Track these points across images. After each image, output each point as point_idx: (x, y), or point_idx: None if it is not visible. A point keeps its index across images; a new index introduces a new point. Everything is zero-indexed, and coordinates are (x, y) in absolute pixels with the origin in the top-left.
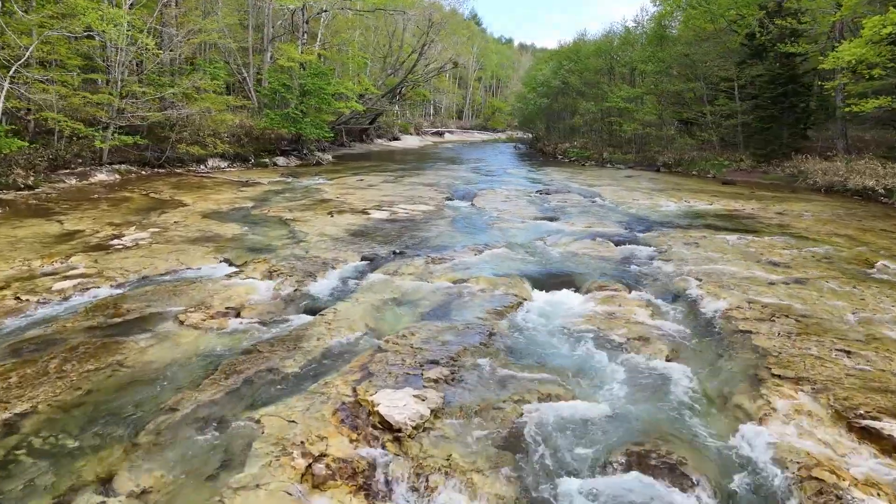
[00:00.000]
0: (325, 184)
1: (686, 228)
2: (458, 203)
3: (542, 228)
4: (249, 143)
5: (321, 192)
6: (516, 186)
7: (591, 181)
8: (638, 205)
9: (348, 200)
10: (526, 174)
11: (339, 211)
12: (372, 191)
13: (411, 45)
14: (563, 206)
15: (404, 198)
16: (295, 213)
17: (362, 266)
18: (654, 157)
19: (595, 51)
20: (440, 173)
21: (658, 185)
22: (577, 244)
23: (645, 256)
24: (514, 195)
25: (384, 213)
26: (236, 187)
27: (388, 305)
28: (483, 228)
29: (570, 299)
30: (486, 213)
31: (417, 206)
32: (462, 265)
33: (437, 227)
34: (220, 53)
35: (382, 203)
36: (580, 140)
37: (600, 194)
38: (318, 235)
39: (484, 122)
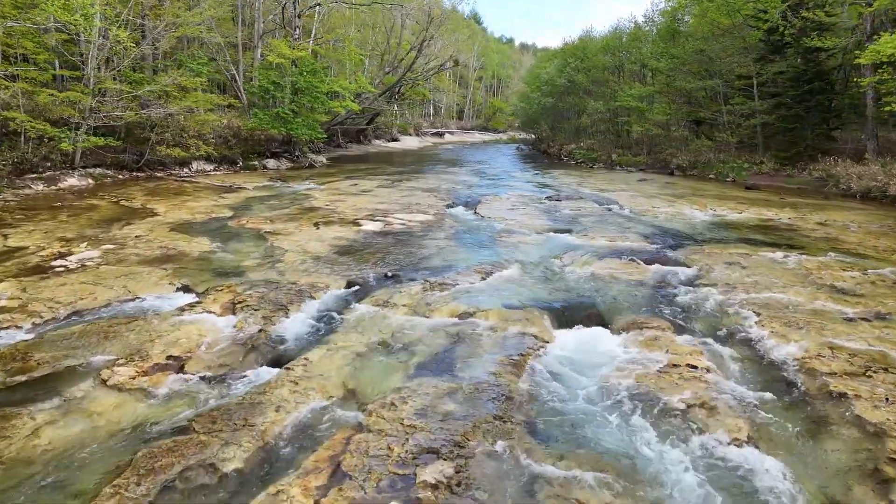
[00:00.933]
0: (315, 189)
1: (722, 243)
2: (460, 211)
3: (558, 243)
4: (237, 145)
5: (309, 199)
6: (523, 192)
7: (604, 186)
8: (660, 214)
9: (339, 209)
10: (531, 177)
11: (326, 222)
12: (366, 197)
13: (410, 43)
14: (577, 215)
15: (401, 205)
16: (276, 224)
17: (347, 294)
18: (666, 159)
19: (603, 47)
20: (440, 177)
21: (677, 191)
22: (601, 264)
23: (683, 280)
24: (522, 202)
25: (377, 224)
26: (217, 193)
27: (374, 353)
28: (489, 243)
29: (603, 341)
30: (491, 224)
31: (415, 216)
32: (466, 292)
33: (436, 241)
34: (208, 50)
35: (376, 212)
36: (587, 141)
37: (616, 201)
38: (299, 253)
39: (485, 123)
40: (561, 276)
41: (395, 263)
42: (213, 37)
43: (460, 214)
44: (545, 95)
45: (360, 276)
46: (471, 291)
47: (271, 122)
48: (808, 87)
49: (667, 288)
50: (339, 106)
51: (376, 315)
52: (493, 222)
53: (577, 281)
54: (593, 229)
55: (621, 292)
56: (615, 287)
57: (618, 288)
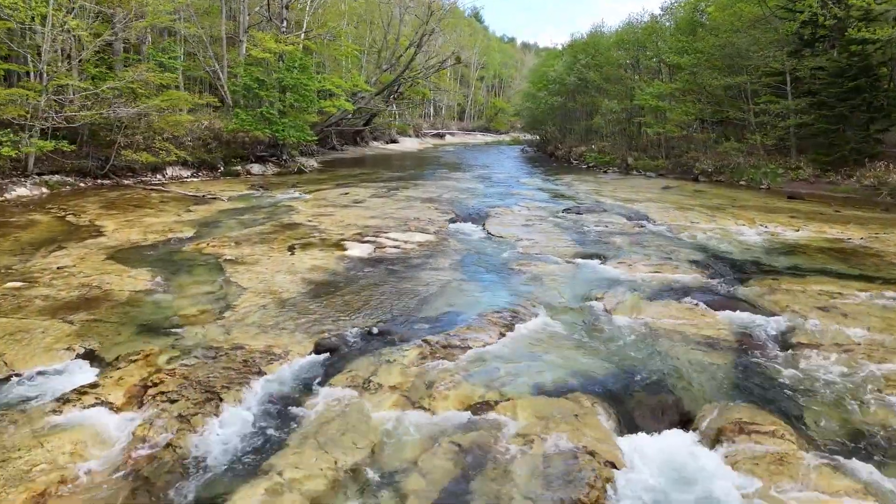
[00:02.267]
0: (299, 199)
1: (798, 275)
2: (466, 228)
3: (590, 275)
4: (218, 149)
5: (291, 213)
6: (536, 202)
7: (626, 194)
8: (703, 232)
9: (322, 225)
10: (542, 184)
11: (304, 244)
12: (356, 210)
13: (409, 39)
14: (605, 233)
15: (396, 220)
16: (242, 248)
17: (314, 366)
18: (688, 163)
19: (616, 42)
20: (441, 183)
21: (711, 201)
22: (655, 308)
23: (773, 337)
24: (537, 215)
25: (367, 246)
26: (186, 205)
27: (342, 494)
28: (505, 275)
29: (696, 460)
30: (504, 246)
31: (412, 236)
32: (481, 360)
33: (438, 272)
34: (189, 45)
35: (367, 229)
36: (598, 143)
37: (647, 215)
38: (260, 294)
39: (486, 124)
40: (606, 329)
41: (385, 310)
42: (187, 29)
43: (466, 232)
44: (553, 94)
45: (335, 332)
46: (487, 359)
47: (254, 123)
48: (853, 83)
49: (756, 352)
50: (332, 105)
51: (351, 408)
52: (506, 243)
53: (629, 339)
54: (630, 254)
55: (695, 360)
56: (684, 350)
57: (688, 351)
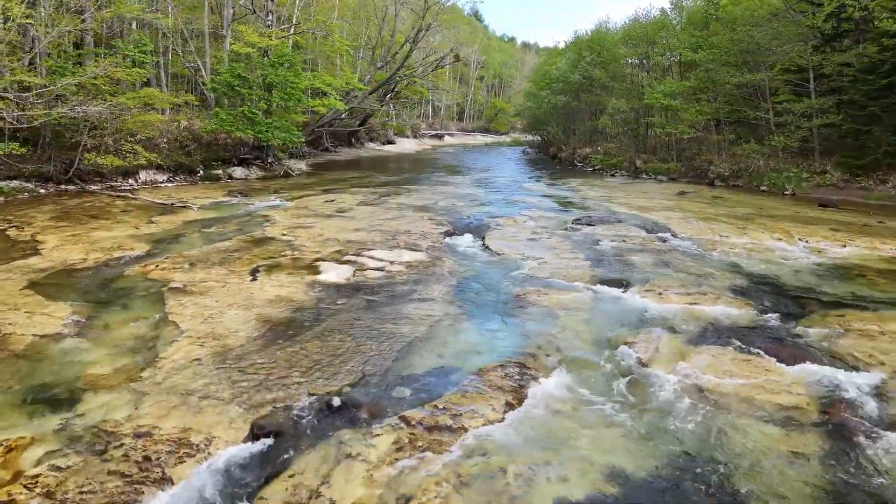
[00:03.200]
0: (279, 208)
1: (867, 308)
2: (463, 243)
3: (613, 307)
4: (198, 151)
5: (265, 225)
6: (541, 210)
7: (639, 201)
8: (735, 248)
9: (298, 241)
10: (546, 188)
11: (271, 266)
12: (340, 221)
13: (405, 35)
14: (623, 249)
15: (383, 234)
16: (196, 272)
17: (245, 463)
18: (701, 166)
19: (624, 38)
20: (438, 189)
21: (735, 209)
22: (702, 359)
23: (872, 409)
24: (543, 227)
25: (345, 269)
26: (150, 215)
27: None
28: (509, 309)
29: None
30: (508, 267)
31: (400, 254)
32: (480, 455)
33: (427, 306)
34: (168, 39)
35: (348, 246)
36: (604, 144)
37: (667, 226)
38: (200, 339)
39: (486, 124)
40: (644, 394)
41: (355, 365)
42: (162, 21)
43: (463, 249)
44: (556, 93)
45: (283, 404)
46: (489, 450)
47: (235, 123)
48: (885, 80)
49: (853, 433)
50: (322, 105)
51: None
52: (509, 263)
53: (677, 411)
54: (657, 277)
55: (774, 450)
56: (756, 431)
57: (761, 433)
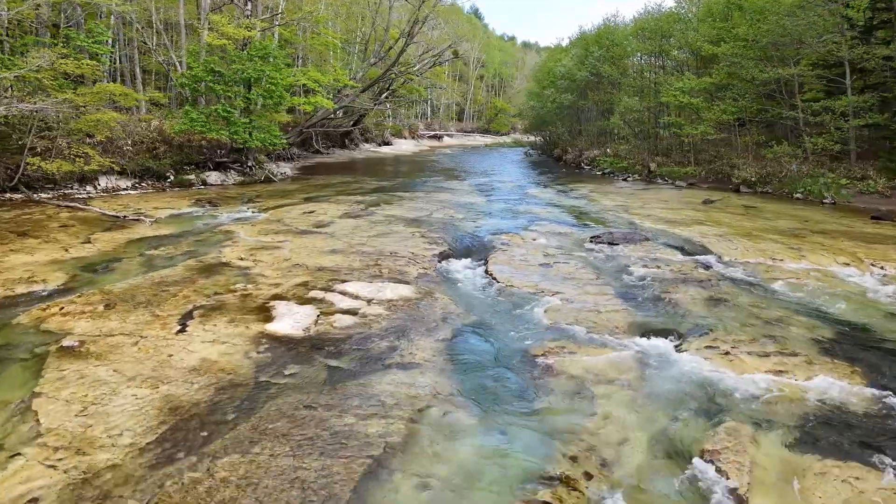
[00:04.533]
0: (247, 221)
1: None
2: (461, 270)
3: (668, 379)
4: (168, 154)
5: (224, 245)
6: (552, 223)
7: (662, 211)
8: (797, 276)
9: (257, 268)
10: (555, 196)
11: (213, 307)
12: (314, 239)
13: (400, 30)
14: (659, 278)
15: (364, 258)
16: (110, 318)
17: None
18: (723, 170)
19: (636, 31)
20: (434, 197)
21: (775, 222)
22: (831, 488)
23: None
24: (558, 247)
25: (306, 312)
26: (92, 231)
27: None
28: (525, 384)
29: None
30: (519, 309)
31: (381, 288)
32: None
33: (410, 378)
34: (137, 31)
35: (318, 276)
36: (614, 146)
37: (704, 245)
38: (57, 453)
39: (486, 125)
40: None
41: None
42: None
43: (462, 279)
44: (561, 91)
45: None
46: None
47: (207, 123)
48: None
49: None
50: (307, 103)
51: None
52: (521, 302)
53: None
54: (716, 325)
55: None
56: None
57: None
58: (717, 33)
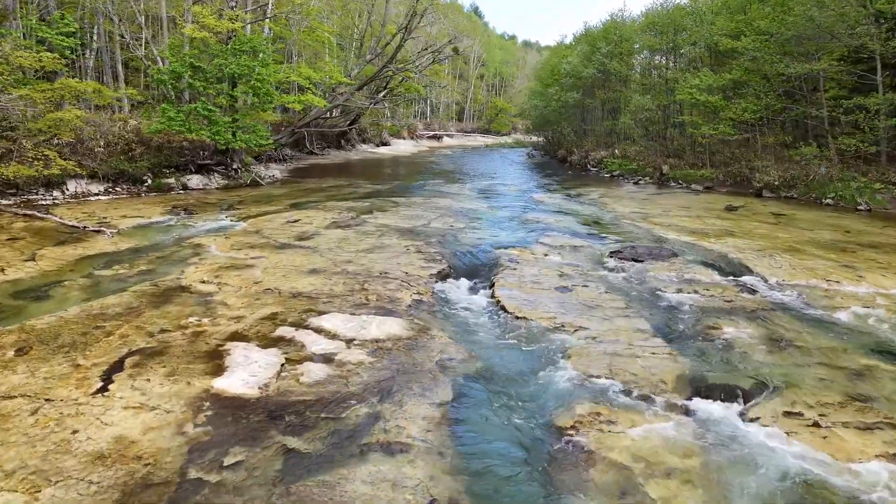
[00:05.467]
0: (223, 232)
1: None
2: (463, 295)
3: (742, 468)
4: (146, 156)
5: (188, 264)
6: (564, 234)
7: (684, 220)
8: (862, 303)
9: (220, 294)
10: (564, 202)
11: (151, 354)
12: (294, 255)
13: (397, 25)
14: (700, 307)
15: (349, 279)
16: (14, 369)
17: None
18: (741, 172)
19: (647, 26)
20: (432, 202)
21: (812, 232)
22: None
23: None
24: (574, 265)
25: (268, 360)
26: (42, 245)
27: None
28: (553, 474)
29: None
30: (536, 355)
31: (366, 323)
32: None
33: (396, 469)
34: (119, 26)
35: (291, 305)
36: (621, 147)
37: (743, 263)
38: None
39: (486, 125)
40: None
41: None
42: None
43: (464, 307)
44: (567, 90)
45: None
46: None
47: (186, 122)
48: None
49: None
50: (297, 101)
51: None
52: (538, 342)
53: None
54: (787, 378)
55: None
56: None
57: None
58: (735, 26)
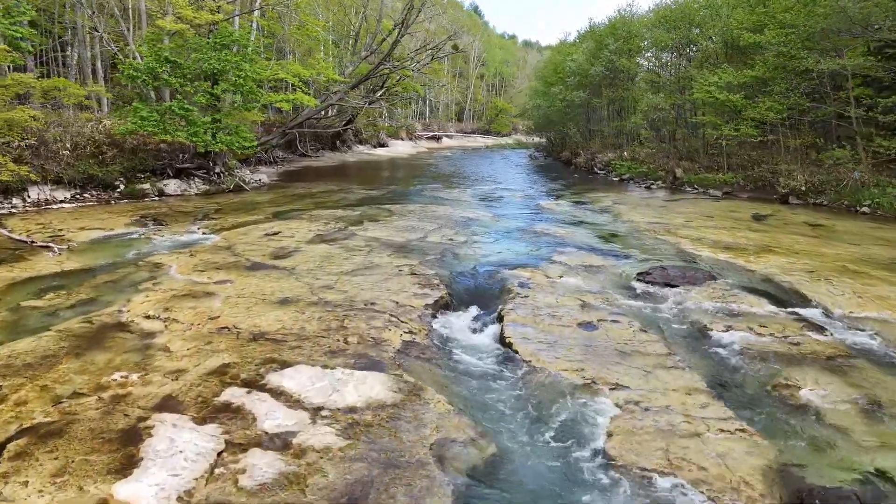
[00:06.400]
0: (189, 248)
1: None
2: (465, 332)
3: None
4: (119, 159)
5: (139, 291)
6: (580, 250)
7: (711, 231)
8: None
9: (164, 336)
10: (573, 209)
11: (42, 436)
12: (265, 279)
13: (394, 20)
14: (759, 351)
15: (326, 315)
16: None
17: None
18: (763, 177)
19: (659, 20)
20: (430, 210)
21: (861, 247)
22: None
23: None
24: (597, 291)
25: (203, 446)
26: None
27: None
28: None
29: None
30: (559, 420)
31: (342, 382)
32: None
33: None
34: (91, 18)
35: (247, 354)
36: (630, 149)
37: (797, 289)
38: None
39: (487, 125)
40: None
41: None
42: None
43: (467, 351)
44: (572, 89)
45: None
46: None
47: (159, 123)
48: None
49: None
50: (285, 100)
51: None
52: (562, 409)
53: None
54: None
55: None
56: None
57: None
58: (756, 19)
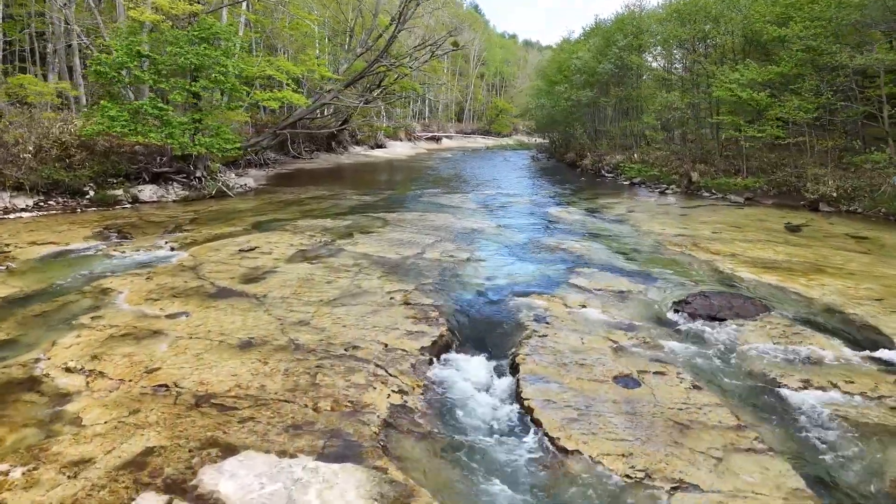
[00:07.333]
0: (147, 270)
1: None
2: (470, 390)
3: None
4: (88, 163)
5: (70, 329)
6: (600, 270)
7: (745, 247)
8: None
9: (80, 400)
10: (586, 219)
11: None
12: (226, 314)
13: (391, 15)
14: (853, 424)
15: (294, 366)
16: None
17: None
18: (788, 181)
19: (672, 15)
20: (428, 220)
21: None
22: None
23: None
24: (627, 327)
25: None
26: None
27: None
28: None
29: None
30: None
31: (302, 486)
32: None
33: None
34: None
35: (183, 431)
36: (640, 151)
37: (867, 322)
38: None
39: (487, 125)
40: None
41: None
42: None
43: (474, 420)
44: (578, 87)
45: None
46: None
47: (129, 123)
48: None
49: None
50: (272, 98)
51: None
52: None
53: None
54: None
55: None
56: None
57: None
58: (781, 12)
